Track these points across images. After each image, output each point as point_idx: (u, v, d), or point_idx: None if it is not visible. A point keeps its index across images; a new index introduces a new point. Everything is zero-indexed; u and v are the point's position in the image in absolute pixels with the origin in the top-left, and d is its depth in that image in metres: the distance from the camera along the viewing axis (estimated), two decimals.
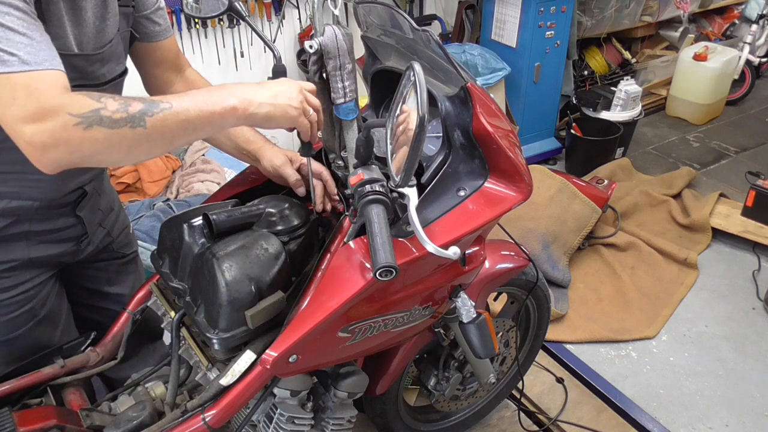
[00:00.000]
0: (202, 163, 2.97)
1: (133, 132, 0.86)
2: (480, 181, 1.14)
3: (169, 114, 0.88)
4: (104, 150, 0.86)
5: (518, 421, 2.01)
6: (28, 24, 0.83)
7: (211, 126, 0.93)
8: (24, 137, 0.81)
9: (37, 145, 0.81)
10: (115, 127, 0.84)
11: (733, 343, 2.49)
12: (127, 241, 1.47)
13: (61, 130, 0.81)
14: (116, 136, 0.85)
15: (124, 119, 0.85)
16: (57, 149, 0.82)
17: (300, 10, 3.23)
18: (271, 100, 0.96)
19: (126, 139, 0.86)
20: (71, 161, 0.85)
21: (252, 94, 0.95)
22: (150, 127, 0.86)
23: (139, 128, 0.86)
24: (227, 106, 0.93)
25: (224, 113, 0.93)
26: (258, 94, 0.96)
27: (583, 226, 2.83)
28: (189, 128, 0.91)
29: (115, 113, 0.85)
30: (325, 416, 1.31)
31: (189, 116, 0.89)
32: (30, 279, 1.21)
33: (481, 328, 1.32)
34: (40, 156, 0.83)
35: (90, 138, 0.83)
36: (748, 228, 3.02)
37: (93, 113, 0.83)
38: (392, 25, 1.29)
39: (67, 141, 0.82)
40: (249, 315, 1.04)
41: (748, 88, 4.62)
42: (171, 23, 1.82)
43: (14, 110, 0.80)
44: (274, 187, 1.34)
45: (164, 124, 0.88)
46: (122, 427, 1.07)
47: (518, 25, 3.33)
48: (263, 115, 0.96)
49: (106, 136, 0.84)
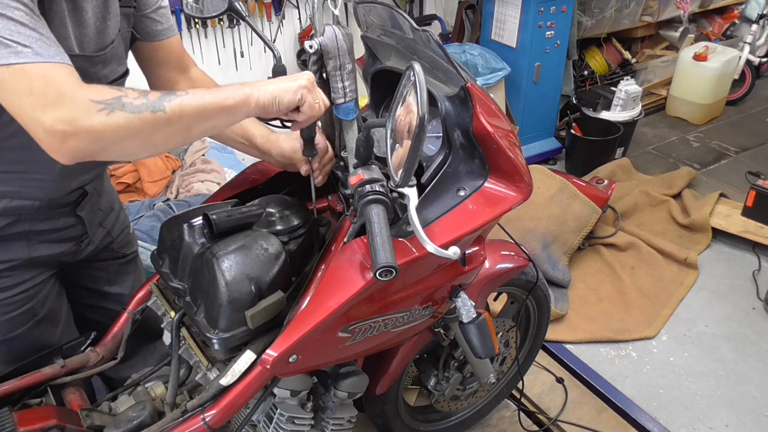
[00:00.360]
0: (202, 163, 2.97)
1: (154, 117, 0.86)
2: (480, 181, 1.14)
3: (186, 100, 0.90)
4: (125, 136, 0.85)
5: (518, 421, 2.01)
6: (35, 21, 0.84)
7: (226, 115, 0.95)
8: (44, 125, 0.80)
9: (57, 133, 0.80)
10: (137, 111, 0.85)
11: (733, 343, 2.49)
12: (127, 241, 1.47)
13: (83, 116, 0.81)
14: (138, 120, 0.85)
15: (145, 104, 0.86)
16: (78, 137, 0.81)
17: (300, 10, 3.23)
18: (273, 87, 0.99)
19: (147, 124, 0.86)
20: (90, 150, 0.84)
21: (258, 85, 0.98)
22: (170, 111, 0.88)
23: (159, 113, 0.87)
24: (241, 95, 0.95)
25: (238, 102, 0.95)
26: (263, 85, 0.99)
27: (583, 226, 2.83)
28: (205, 115, 0.92)
29: (136, 99, 0.86)
30: (325, 416, 1.31)
31: (205, 104, 0.91)
32: (30, 278, 1.21)
33: (481, 328, 1.32)
34: (59, 145, 0.81)
35: (112, 124, 0.83)
36: (748, 228, 3.02)
37: (115, 100, 0.84)
38: (392, 25, 1.29)
39: (89, 128, 0.81)
40: (249, 315, 1.04)
41: (748, 88, 4.62)
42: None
43: (32, 99, 0.80)
44: (274, 187, 1.34)
45: (182, 110, 0.89)
46: (122, 427, 1.07)
47: (518, 25, 3.33)
48: (269, 96, 0.97)
49: (129, 122, 0.84)
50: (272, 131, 1.29)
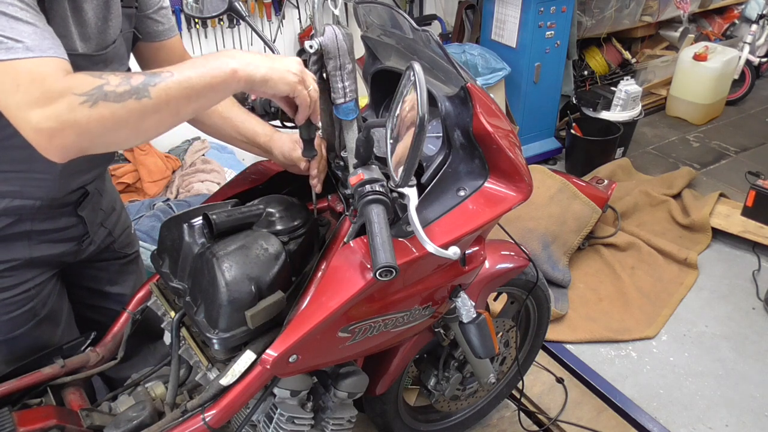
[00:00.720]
0: (202, 163, 2.97)
1: (139, 104, 0.83)
2: (480, 181, 1.14)
3: (172, 82, 0.86)
4: (112, 127, 0.83)
5: (518, 421, 2.01)
6: (32, 15, 0.83)
7: (215, 92, 0.92)
8: (30, 123, 0.79)
9: (44, 131, 0.79)
10: (120, 100, 0.82)
11: (733, 343, 2.49)
12: (128, 241, 1.48)
13: (67, 112, 0.79)
14: (122, 110, 0.82)
15: (128, 92, 0.83)
16: (64, 134, 0.80)
17: (300, 10, 3.23)
18: (269, 63, 0.96)
19: (133, 112, 0.83)
20: (80, 146, 0.83)
21: (251, 57, 0.95)
22: (155, 96, 0.84)
23: (144, 99, 0.84)
24: (227, 70, 0.91)
25: (225, 78, 0.91)
26: (257, 58, 0.96)
27: (583, 226, 2.83)
28: (193, 96, 0.89)
29: (119, 87, 0.83)
30: (325, 416, 1.31)
31: (192, 83, 0.88)
32: (31, 278, 1.21)
33: (481, 328, 1.32)
34: (47, 143, 0.81)
35: (96, 116, 0.81)
36: (748, 228, 3.02)
37: (97, 90, 0.81)
38: (392, 25, 1.29)
39: (74, 123, 0.80)
40: (249, 315, 1.04)
41: (748, 88, 4.62)
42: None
43: (18, 97, 0.79)
44: (274, 187, 1.34)
45: (168, 93, 0.86)
46: (122, 427, 1.07)
47: (518, 25, 3.33)
48: (261, 76, 0.94)
49: (113, 112, 0.82)
50: (275, 130, 1.29)
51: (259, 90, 0.96)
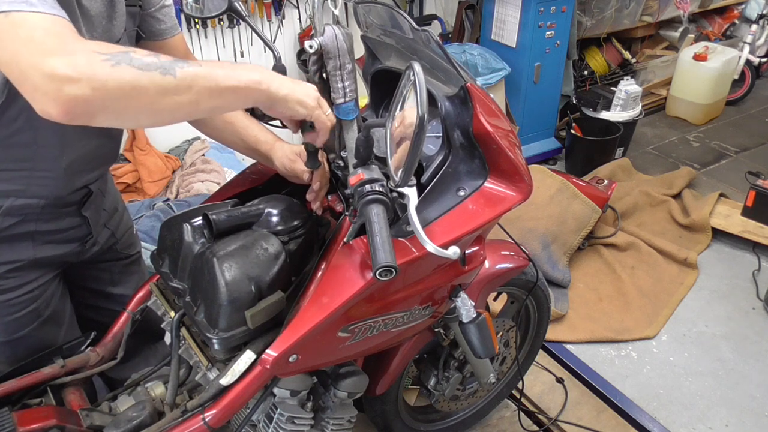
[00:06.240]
0: (202, 163, 2.97)
1: (162, 78, 0.80)
2: (480, 181, 1.14)
3: (200, 71, 0.84)
4: (130, 92, 0.78)
5: (518, 421, 2.01)
6: None
7: (236, 96, 0.90)
8: (43, 69, 0.72)
9: (57, 77, 0.72)
10: (146, 69, 0.78)
11: (733, 343, 2.49)
12: (130, 241, 1.48)
13: (86, 63, 0.74)
14: (145, 78, 0.78)
15: (155, 64, 0.80)
16: (79, 84, 0.73)
17: (300, 10, 3.23)
18: (292, 85, 0.96)
19: (154, 84, 0.79)
20: (91, 104, 0.76)
21: (276, 76, 0.95)
22: (180, 78, 0.81)
23: (169, 76, 0.80)
24: (254, 79, 0.91)
25: (250, 85, 0.90)
26: (281, 77, 0.96)
27: (583, 226, 2.83)
28: (215, 92, 0.86)
29: (146, 57, 0.80)
30: (325, 416, 1.31)
31: (218, 80, 0.86)
32: (35, 279, 1.21)
33: (481, 328, 1.32)
34: (57, 92, 0.73)
35: (117, 75, 0.76)
36: (748, 228, 3.02)
37: (122, 54, 0.78)
38: (392, 25, 1.29)
39: (92, 76, 0.74)
40: (249, 315, 1.04)
41: (748, 88, 4.62)
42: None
43: (32, 46, 0.74)
44: (274, 187, 1.34)
45: (194, 79, 0.83)
46: (122, 427, 1.07)
47: (518, 25, 3.33)
48: (282, 96, 0.94)
49: (134, 77, 0.77)
50: (277, 139, 1.30)
51: (277, 108, 0.96)
